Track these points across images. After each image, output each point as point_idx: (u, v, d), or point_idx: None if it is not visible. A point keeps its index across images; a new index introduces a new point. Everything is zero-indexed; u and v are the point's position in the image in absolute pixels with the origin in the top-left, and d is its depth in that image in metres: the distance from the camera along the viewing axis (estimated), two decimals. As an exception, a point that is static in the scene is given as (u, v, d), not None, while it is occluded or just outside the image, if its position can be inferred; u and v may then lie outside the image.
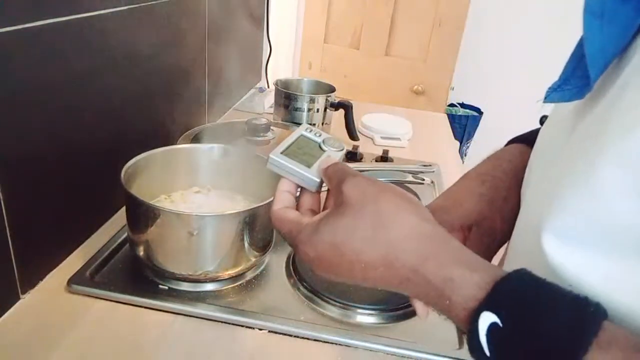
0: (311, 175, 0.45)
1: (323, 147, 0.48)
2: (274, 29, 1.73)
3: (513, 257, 0.45)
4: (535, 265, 0.35)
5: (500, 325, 0.31)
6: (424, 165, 1.12)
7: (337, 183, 0.40)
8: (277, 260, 0.77)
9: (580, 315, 0.30)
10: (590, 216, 0.33)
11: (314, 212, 0.43)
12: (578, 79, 0.37)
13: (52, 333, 0.60)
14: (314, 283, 0.70)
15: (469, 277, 0.33)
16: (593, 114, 0.35)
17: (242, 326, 0.64)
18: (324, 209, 0.43)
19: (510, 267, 0.36)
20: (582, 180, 0.33)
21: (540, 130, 0.46)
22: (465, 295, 0.33)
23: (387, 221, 0.36)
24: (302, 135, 0.50)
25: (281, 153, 0.46)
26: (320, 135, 0.50)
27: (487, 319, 0.31)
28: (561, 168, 0.37)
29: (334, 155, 0.48)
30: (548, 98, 0.39)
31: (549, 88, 0.39)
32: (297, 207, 0.44)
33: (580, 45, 0.36)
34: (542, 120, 0.46)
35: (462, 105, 2.56)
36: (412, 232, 0.36)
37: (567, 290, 0.32)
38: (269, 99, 1.47)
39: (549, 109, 0.45)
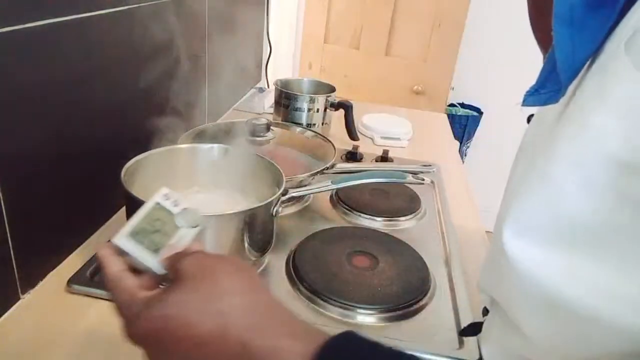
0: (157, 267, 0.41)
1: (177, 222, 0.44)
2: (274, 29, 1.73)
3: (490, 251, 0.46)
4: (499, 258, 0.37)
5: None
6: (424, 165, 1.12)
7: (175, 265, 0.38)
8: (277, 260, 0.77)
9: None
10: (543, 212, 0.34)
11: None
12: (553, 84, 0.38)
13: (52, 333, 0.60)
14: (314, 283, 0.70)
15: (293, 348, 0.33)
16: (561, 116, 0.36)
17: (242, 326, 0.64)
18: None
19: (486, 260, 0.37)
20: (539, 178, 0.35)
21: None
22: None
23: (221, 293, 0.35)
24: (157, 204, 0.45)
25: (128, 235, 0.42)
26: (177, 205, 0.45)
27: None
28: (525, 167, 0.38)
29: (186, 235, 0.43)
30: (525, 102, 0.40)
31: (527, 92, 0.41)
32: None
33: (554, 50, 0.37)
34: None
35: (462, 105, 2.56)
36: (244, 303, 0.35)
37: (387, 348, 0.33)
38: (269, 99, 1.47)
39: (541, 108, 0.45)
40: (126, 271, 0.41)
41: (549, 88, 0.38)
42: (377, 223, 0.92)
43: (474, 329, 0.61)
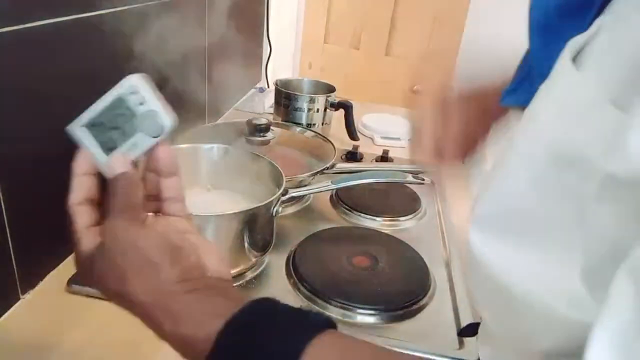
0: (105, 168, 0.38)
1: (136, 125, 0.38)
2: (274, 29, 1.73)
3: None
4: (468, 253, 0.38)
5: None
6: (424, 165, 1.12)
7: (109, 209, 0.38)
8: (277, 260, 0.77)
9: (297, 327, 0.32)
10: (499, 205, 0.36)
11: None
12: (529, 85, 0.39)
13: (52, 333, 0.60)
14: (314, 283, 0.70)
15: (197, 334, 0.33)
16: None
17: (242, 326, 0.64)
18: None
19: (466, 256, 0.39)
20: (497, 172, 0.36)
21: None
22: (200, 350, 0.33)
23: (131, 282, 0.36)
24: (120, 97, 0.39)
25: (85, 124, 0.38)
26: (142, 104, 0.38)
27: None
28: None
29: (141, 143, 0.38)
30: (504, 101, 0.41)
31: (504, 90, 0.41)
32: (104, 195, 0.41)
33: (529, 54, 0.39)
34: None
35: (462, 105, 2.56)
36: (154, 298, 0.36)
37: (294, 309, 0.34)
38: (269, 99, 1.47)
39: None
40: (82, 206, 0.39)
41: (525, 88, 0.39)
42: (377, 223, 0.92)
43: (472, 329, 0.61)
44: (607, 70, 0.30)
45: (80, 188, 0.39)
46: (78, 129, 0.38)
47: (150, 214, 0.40)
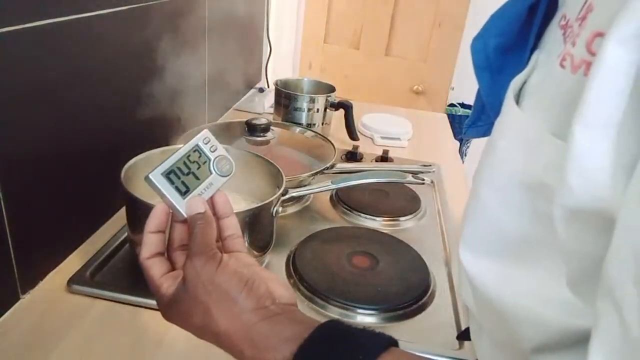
0: (181, 209, 0.43)
1: (210, 168, 0.45)
2: (274, 29, 1.73)
3: None
4: (461, 268, 0.41)
5: None
6: (424, 165, 1.12)
7: (188, 249, 0.42)
8: (277, 260, 0.77)
9: (364, 348, 0.36)
10: (479, 228, 0.39)
11: (185, 248, 0.45)
12: (487, 117, 0.42)
13: (52, 333, 0.60)
14: (314, 283, 0.70)
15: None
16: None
17: (242, 326, 0.64)
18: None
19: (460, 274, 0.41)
20: (473, 199, 0.39)
21: None
22: None
23: (214, 315, 0.40)
24: (197, 146, 0.46)
25: (162, 174, 0.43)
26: (215, 150, 0.46)
27: None
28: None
29: (215, 183, 0.46)
30: (466, 134, 0.45)
31: (466, 123, 0.45)
32: (169, 244, 0.46)
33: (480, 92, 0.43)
34: None
35: (462, 105, 2.56)
36: (235, 327, 0.39)
37: (359, 330, 0.38)
38: (269, 99, 1.47)
39: None
40: (153, 259, 0.44)
41: (484, 120, 0.42)
42: (377, 223, 0.92)
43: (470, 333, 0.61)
44: (542, 105, 0.32)
45: (151, 244, 0.44)
46: (157, 176, 0.43)
47: (225, 254, 0.43)
